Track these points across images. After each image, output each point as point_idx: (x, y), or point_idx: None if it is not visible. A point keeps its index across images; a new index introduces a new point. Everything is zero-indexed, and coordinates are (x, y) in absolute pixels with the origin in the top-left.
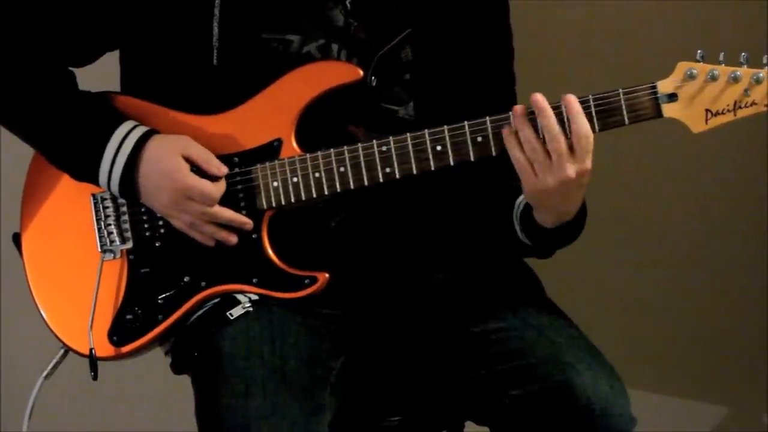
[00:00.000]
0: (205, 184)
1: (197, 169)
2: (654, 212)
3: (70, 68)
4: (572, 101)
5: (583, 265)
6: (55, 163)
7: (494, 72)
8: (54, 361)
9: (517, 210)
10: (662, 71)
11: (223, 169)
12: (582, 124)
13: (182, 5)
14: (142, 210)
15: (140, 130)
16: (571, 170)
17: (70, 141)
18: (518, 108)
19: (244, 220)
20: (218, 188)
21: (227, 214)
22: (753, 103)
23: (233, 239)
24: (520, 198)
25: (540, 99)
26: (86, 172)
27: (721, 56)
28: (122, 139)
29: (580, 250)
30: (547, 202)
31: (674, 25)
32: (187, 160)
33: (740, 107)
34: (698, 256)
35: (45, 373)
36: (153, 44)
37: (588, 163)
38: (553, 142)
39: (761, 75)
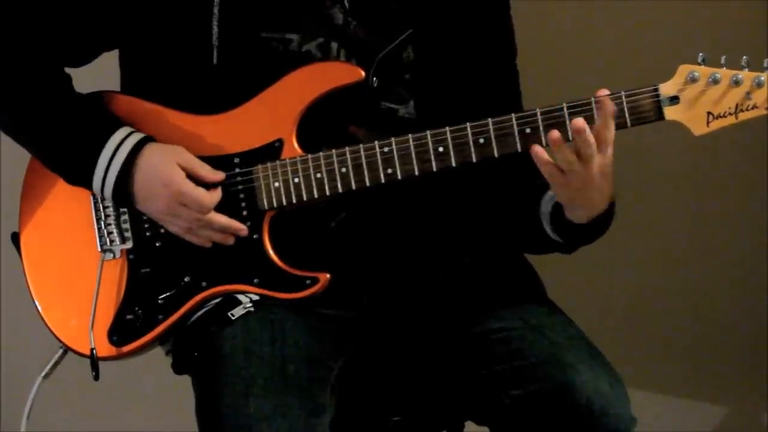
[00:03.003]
0: (200, 192)
1: (192, 177)
2: (654, 212)
3: (68, 68)
4: (609, 105)
5: (583, 265)
6: (49, 166)
7: (496, 71)
8: (53, 361)
9: (545, 208)
10: (664, 74)
11: (218, 176)
12: (611, 127)
13: (181, 4)
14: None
15: (135, 137)
16: (596, 168)
17: (64, 146)
18: (555, 133)
19: (239, 226)
20: (213, 196)
21: (222, 220)
22: (754, 106)
23: (230, 241)
24: (547, 196)
25: (581, 124)
26: (80, 177)
27: (723, 59)
28: (117, 146)
29: (581, 250)
30: (581, 201)
31: (676, 27)
32: (183, 168)
33: (742, 110)
34: (698, 256)
35: (43, 373)
36: (152, 44)
37: (610, 153)
38: (587, 150)
39: (762, 78)
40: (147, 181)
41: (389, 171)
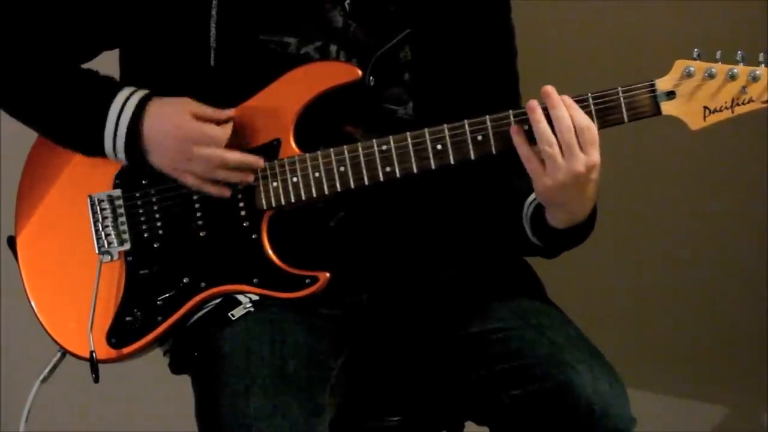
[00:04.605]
0: (211, 126)
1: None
2: (654, 212)
3: None
4: (565, 98)
5: (583, 265)
6: (59, 140)
7: (495, 72)
8: (51, 364)
9: (527, 210)
10: (660, 70)
11: (226, 113)
12: (580, 115)
13: (180, 6)
14: (140, 211)
15: (141, 93)
16: (580, 164)
17: (72, 113)
18: (534, 102)
19: (254, 159)
20: (224, 130)
21: (236, 155)
22: (750, 100)
23: (249, 179)
24: (530, 198)
25: (551, 91)
26: (91, 142)
27: (718, 54)
28: (125, 99)
29: (581, 250)
30: (560, 199)
31: (672, 24)
32: (191, 113)
33: (738, 104)
34: (698, 256)
35: (42, 377)
36: (151, 44)
37: (595, 156)
38: (565, 133)
39: (758, 72)
40: (157, 126)
41: (388, 169)
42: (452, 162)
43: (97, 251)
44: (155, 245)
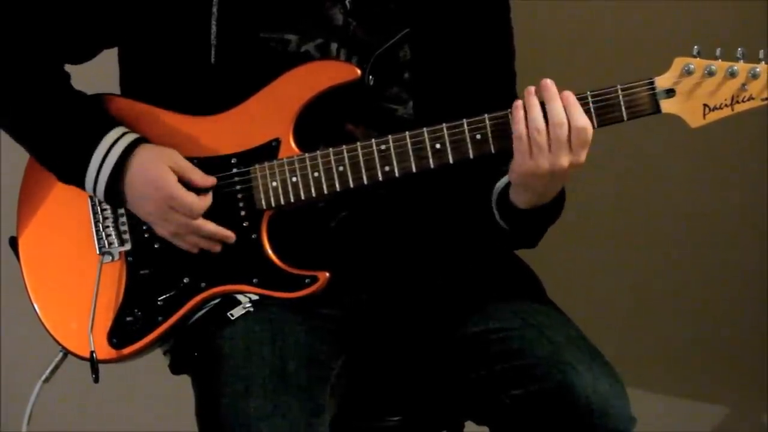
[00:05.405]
0: (190, 196)
1: (183, 181)
2: (654, 212)
3: (68, 66)
4: (569, 94)
5: (583, 265)
6: (43, 163)
7: (494, 71)
8: (53, 364)
9: (495, 195)
10: (660, 68)
11: (209, 180)
12: (580, 115)
13: (180, 3)
14: None
15: (129, 138)
16: (565, 160)
17: (58, 143)
18: (532, 88)
19: (227, 234)
20: (202, 202)
21: (210, 227)
22: (750, 98)
23: (216, 248)
24: (499, 183)
25: (550, 84)
26: (73, 175)
27: (718, 52)
28: (111, 145)
29: (580, 250)
30: (532, 183)
31: (672, 21)
32: (174, 171)
33: (737, 102)
34: (698, 256)
35: (44, 377)
36: (151, 42)
37: (582, 157)
38: (556, 128)
39: (758, 70)
40: (138, 183)
41: (387, 169)
42: (451, 161)
43: (98, 251)
44: (156, 245)
